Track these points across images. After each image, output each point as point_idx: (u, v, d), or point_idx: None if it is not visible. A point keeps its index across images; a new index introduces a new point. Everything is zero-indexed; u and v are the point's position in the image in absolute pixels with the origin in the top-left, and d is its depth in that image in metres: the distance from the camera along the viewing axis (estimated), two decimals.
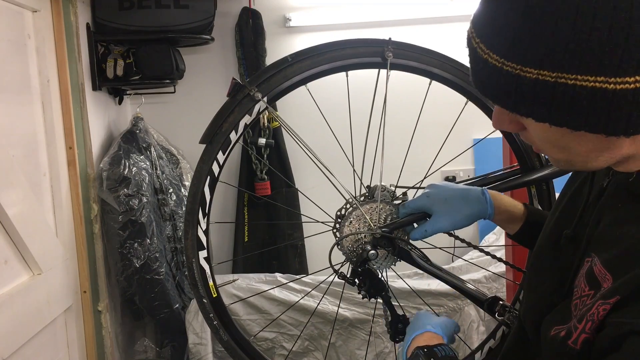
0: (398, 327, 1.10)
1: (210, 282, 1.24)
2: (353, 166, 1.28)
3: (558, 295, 0.72)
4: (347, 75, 1.26)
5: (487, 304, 1.14)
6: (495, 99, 0.63)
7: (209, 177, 1.20)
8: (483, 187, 1.09)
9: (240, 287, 2.29)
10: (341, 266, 1.17)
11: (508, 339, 0.95)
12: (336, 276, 1.17)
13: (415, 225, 1.15)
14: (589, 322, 0.61)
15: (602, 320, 0.60)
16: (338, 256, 1.15)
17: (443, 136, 1.40)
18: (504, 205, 1.08)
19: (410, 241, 1.16)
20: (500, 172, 1.34)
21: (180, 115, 2.81)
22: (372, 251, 1.13)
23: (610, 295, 0.60)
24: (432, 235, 1.10)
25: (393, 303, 1.13)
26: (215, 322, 1.25)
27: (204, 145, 1.20)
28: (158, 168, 2.44)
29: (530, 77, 0.57)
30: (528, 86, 0.58)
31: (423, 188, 1.16)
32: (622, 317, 0.58)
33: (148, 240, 2.22)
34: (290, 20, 2.74)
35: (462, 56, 1.30)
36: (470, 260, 2.42)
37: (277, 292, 2.28)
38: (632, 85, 0.54)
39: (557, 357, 0.66)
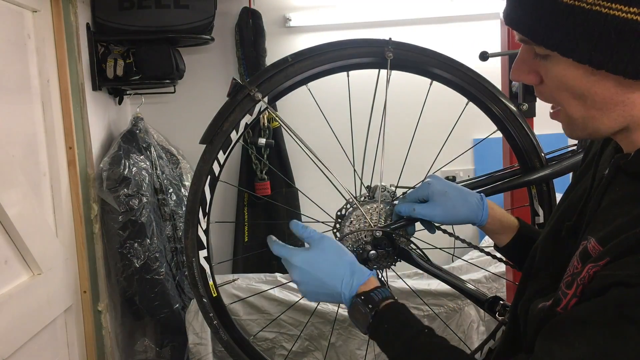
0: None
1: (210, 282, 1.24)
2: (353, 166, 1.28)
3: (554, 287, 0.73)
4: (347, 75, 1.26)
5: (488, 304, 1.14)
6: (523, 28, 0.63)
7: (209, 176, 1.20)
8: (481, 193, 1.10)
9: (240, 287, 2.29)
10: None
11: (501, 338, 0.95)
12: None
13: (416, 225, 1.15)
14: (579, 287, 0.62)
15: (591, 282, 0.61)
16: None
17: (443, 136, 1.40)
18: (497, 215, 1.09)
19: (411, 237, 1.16)
20: (501, 172, 1.34)
21: (180, 115, 2.81)
22: (373, 251, 1.13)
23: (600, 258, 0.60)
24: (417, 217, 1.09)
25: None
26: (215, 322, 1.25)
27: (204, 145, 1.20)
28: (158, 168, 2.44)
29: (567, 3, 0.57)
30: (563, 13, 0.58)
31: None
32: (608, 270, 0.58)
33: (148, 240, 2.22)
34: (290, 20, 2.74)
35: (463, 56, 1.31)
36: (470, 261, 2.42)
37: (277, 292, 2.28)
38: None
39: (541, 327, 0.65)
